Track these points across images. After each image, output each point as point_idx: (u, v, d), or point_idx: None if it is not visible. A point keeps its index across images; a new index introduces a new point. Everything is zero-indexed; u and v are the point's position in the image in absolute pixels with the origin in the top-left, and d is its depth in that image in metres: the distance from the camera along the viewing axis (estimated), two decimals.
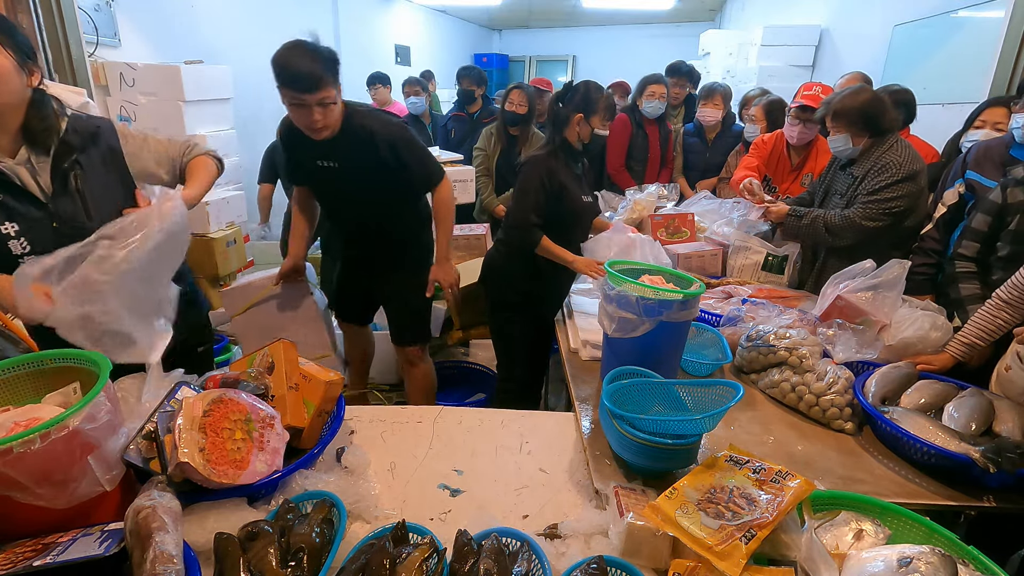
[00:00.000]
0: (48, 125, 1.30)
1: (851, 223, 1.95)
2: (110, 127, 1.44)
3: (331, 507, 1.00)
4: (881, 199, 1.90)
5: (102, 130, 1.41)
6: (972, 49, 3.16)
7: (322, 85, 1.64)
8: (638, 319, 1.36)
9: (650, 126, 3.57)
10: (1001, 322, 1.49)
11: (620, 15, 9.30)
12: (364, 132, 1.82)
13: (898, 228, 1.96)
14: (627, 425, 1.16)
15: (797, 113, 2.63)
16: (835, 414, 1.42)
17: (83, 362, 1.08)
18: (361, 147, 1.83)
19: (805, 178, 2.69)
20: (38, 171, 1.30)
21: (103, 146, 1.40)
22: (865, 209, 1.92)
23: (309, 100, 1.65)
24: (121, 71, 3.15)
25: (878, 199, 1.90)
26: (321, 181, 1.98)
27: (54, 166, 1.31)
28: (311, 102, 1.65)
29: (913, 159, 1.91)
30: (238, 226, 3.44)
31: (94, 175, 1.38)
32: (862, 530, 0.99)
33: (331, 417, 1.30)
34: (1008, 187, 1.65)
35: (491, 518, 1.07)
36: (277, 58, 1.64)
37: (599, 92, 2.10)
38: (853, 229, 1.95)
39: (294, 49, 1.64)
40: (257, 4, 4.86)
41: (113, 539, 0.86)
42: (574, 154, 2.15)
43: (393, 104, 5.06)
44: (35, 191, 1.30)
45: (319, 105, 1.67)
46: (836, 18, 5.01)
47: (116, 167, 1.43)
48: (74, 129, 1.34)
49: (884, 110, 1.96)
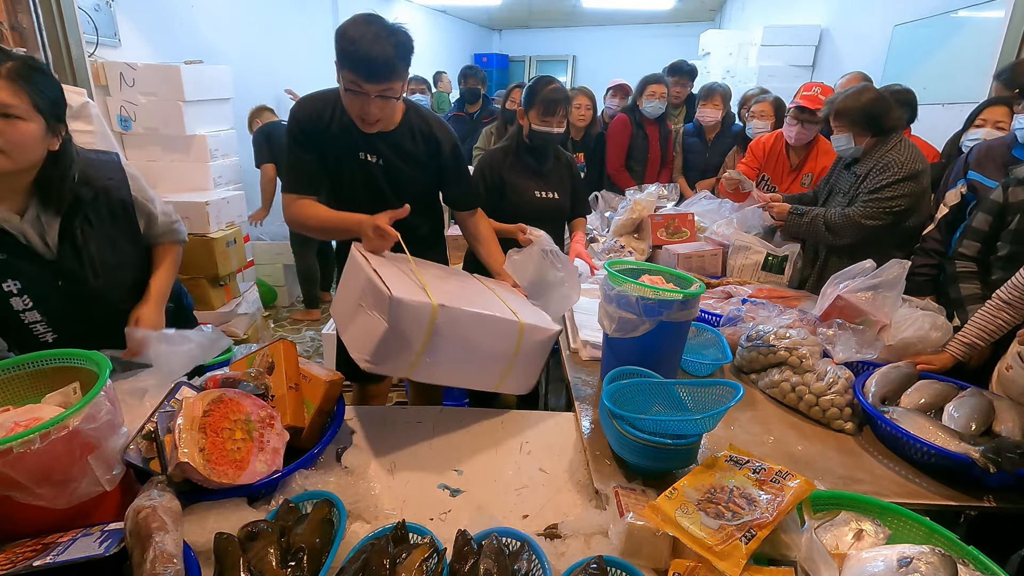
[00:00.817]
0: (65, 184, 1.25)
1: (851, 221, 1.95)
2: (123, 180, 1.37)
3: (331, 507, 1.00)
4: (882, 198, 1.90)
5: (114, 183, 1.35)
6: (972, 49, 3.16)
7: (392, 76, 1.41)
8: (638, 319, 1.36)
9: (650, 126, 3.58)
10: (1001, 322, 1.49)
11: (620, 15, 9.30)
12: (425, 130, 1.64)
13: (900, 228, 1.96)
14: (627, 425, 1.16)
15: (796, 113, 2.63)
16: (835, 414, 1.42)
17: (83, 362, 1.08)
18: (419, 145, 1.64)
19: (805, 178, 2.69)
20: (46, 228, 1.26)
21: (114, 200, 1.36)
22: (866, 207, 1.92)
23: (371, 90, 1.41)
24: (121, 71, 3.15)
25: (879, 198, 1.90)
26: (354, 178, 1.64)
27: (63, 224, 1.27)
28: (373, 92, 1.42)
29: (916, 158, 1.91)
30: (238, 226, 3.44)
31: (102, 230, 1.34)
32: (862, 530, 0.99)
33: (331, 417, 1.30)
34: (1009, 186, 1.65)
35: (491, 518, 1.07)
36: (347, 33, 1.36)
37: (543, 85, 2.08)
38: (853, 227, 1.95)
39: (370, 26, 1.37)
40: (257, 4, 4.86)
41: (113, 539, 0.86)
42: (530, 149, 2.16)
43: None
44: (40, 249, 1.27)
45: (380, 97, 1.43)
46: (836, 18, 5.01)
47: (126, 222, 1.39)
48: (85, 180, 1.29)
49: (887, 109, 1.96)
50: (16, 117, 1.13)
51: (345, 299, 1.39)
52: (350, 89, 1.43)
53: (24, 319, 1.30)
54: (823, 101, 2.50)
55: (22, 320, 1.30)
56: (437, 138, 1.65)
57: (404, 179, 1.66)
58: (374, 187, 1.65)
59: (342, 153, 1.60)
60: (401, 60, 1.40)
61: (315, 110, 1.56)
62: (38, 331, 1.34)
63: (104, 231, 1.34)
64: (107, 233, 1.35)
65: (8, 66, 1.13)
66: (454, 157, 1.69)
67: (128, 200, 1.38)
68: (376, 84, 1.40)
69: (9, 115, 1.13)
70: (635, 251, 2.66)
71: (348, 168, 1.62)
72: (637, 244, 2.70)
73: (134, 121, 3.23)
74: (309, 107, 1.57)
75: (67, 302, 1.33)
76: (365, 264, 1.32)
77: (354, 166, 1.62)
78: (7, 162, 1.16)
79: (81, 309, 1.35)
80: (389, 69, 1.39)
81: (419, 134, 1.64)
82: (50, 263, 1.28)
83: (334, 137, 1.57)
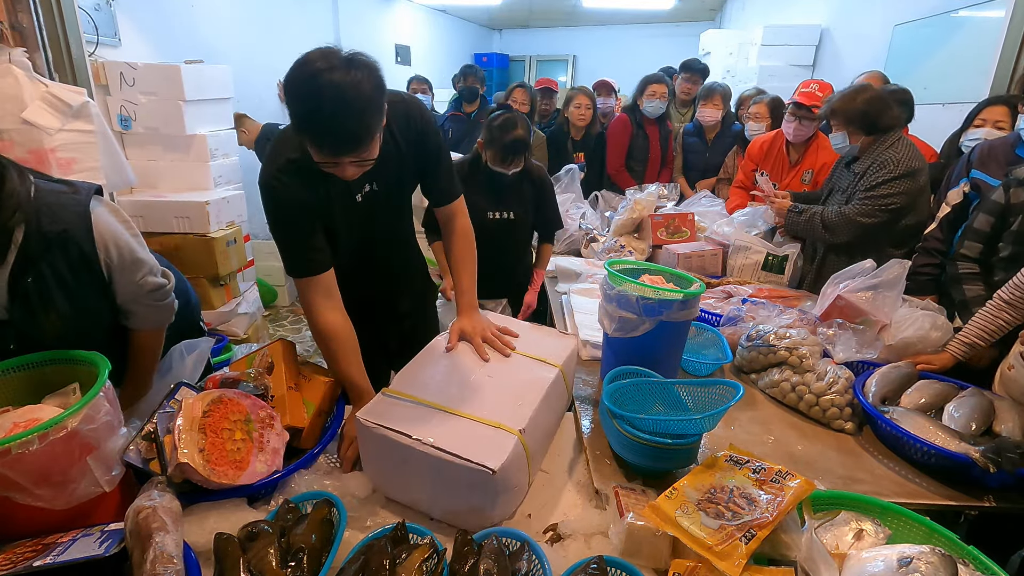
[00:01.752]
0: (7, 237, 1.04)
1: (847, 219, 1.96)
2: (85, 227, 1.12)
3: (331, 507, 1.00)
4: (877, 195, 1.91)
5: (71, 232, 1.10)
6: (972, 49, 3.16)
7: (366, 143, 1.14)
8: (638, 319, 1.36)
9: (650, 126, 3.58)
10: (1002, 322, 1.49)
11: (620, 15, 9.28)
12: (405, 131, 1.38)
13: (896, 226, 1.97)
14: (627, 425, 1.16)
15: (793, 110, 2.64)
16: (835, 414, 1.42)
17: (83, 363, 1.08)
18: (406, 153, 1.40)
19: (805, 174, 2.69)
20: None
21: (73, 252, 1.12)
22: (862, 205, 1.93)
23: (343, 160, 1.15)
24: (121, 71, 3.15)
25: (874, 195, 1.91)
26: (355, 214, 1.41)
27: (11, 281, 1.07)
28: (346, 160, 1.16)
29: (913, 156, 1.91)
30: (238, 226, 3.44)
31: (59, 284, 1.12)
32: (862, 530, 0.99)
33: (331, 417, 1.30)
34: (1011, 187, 1.65)
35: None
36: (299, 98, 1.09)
37: (504, 132, 2.05)
38: (849, 225, 1.96)
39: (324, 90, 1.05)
40: (257, 4, 4.85)
41: (113, 539, 0.86)
42: (487, 170, 2.15)
43: None
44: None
45: (354, 164, 1.17)
46: (836, 18, 5.01)
47: (88, 274, 1.15)
48: (37, 229, 1.07)
49: (883, 109, 1.97)
50: None
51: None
52: (322, 164, 1.17)
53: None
54: (821, 98, 2.52)
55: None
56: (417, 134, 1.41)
57: (396, 190, 1.48)
58: (374, 214, 1.46)
59: (336, 206, 1.36)
60: (373, 124, 1.14)
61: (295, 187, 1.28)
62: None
63: (61, 283, 1.12)
64: (67, 288, 1.13)
65: None
66: (436, 148, 1.46)
67: (89, 251, 1.13)
68: (348, 155, 1.15)
69: None
70: (635, 251, 2.66)
71: (347, 213, 1.40)
72: (637, 244, 2.70)
73: (134, 121, 3.22)
74: (289, 187, 1.28)
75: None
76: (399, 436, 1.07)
77: (354, 205, 1.40)
78: None
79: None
80: (357, 141, 1.12)
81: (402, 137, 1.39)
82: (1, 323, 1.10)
83: (323, 200, 1.33)
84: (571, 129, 3.63)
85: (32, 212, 1.06)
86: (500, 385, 1.23)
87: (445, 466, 1.02)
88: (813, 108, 2.56)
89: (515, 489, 1.09)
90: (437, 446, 1.02)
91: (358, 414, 1.08)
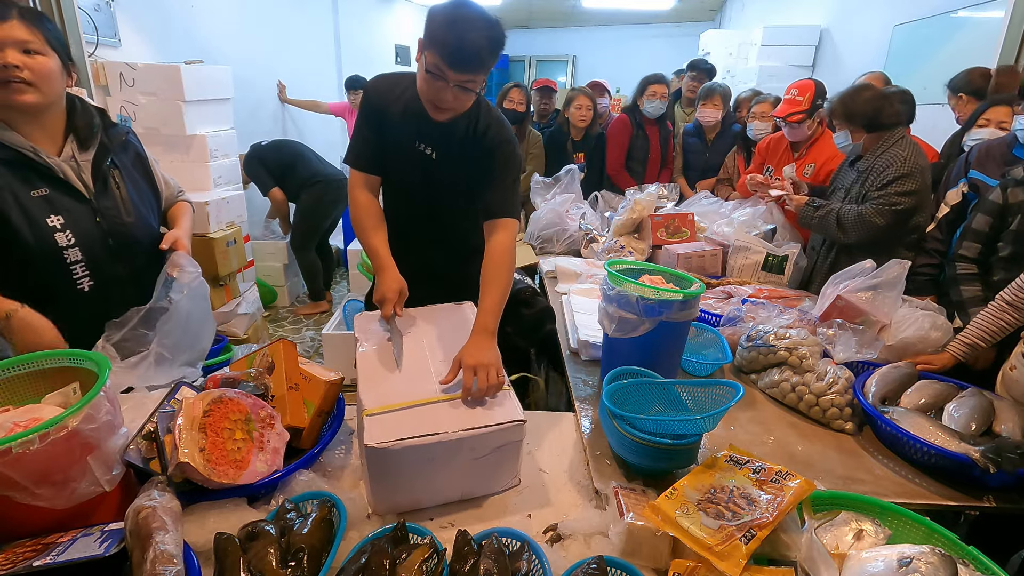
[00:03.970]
0: (91, 125, 1.40)
1: (862, 218, 1.96)
2: (135, 135, 1.56)
3: (331, 507, 1.00)
4: (890, 193, 1.91)
5: (130, 137, 1.54)
6: (972, 49, 3.16)
7: (478, 69, 1.33)
8: (638, 319, 1.36)
9: (650, 126, 3.58)
10: (1004, 324, 1.49)
11: (620, 15, 9.29)
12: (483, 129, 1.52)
13: (906, 228, 1.97)
14: (627, 425, 1.16)
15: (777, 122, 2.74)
16: (835, 414, 1.42)
17: (83, 362, 1.08)
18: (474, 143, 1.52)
19: (808, 167, 2.70)
20: (81, 168, 1.38)
21: (131, 152, 1.53)
22: (877, 206, 1.93)
23: (453, 78, 1.31)
24: (121, 71, 3.15)
25: (887, 193, 1.92)
26: (409, 166, 1.56)
27: (95, 165, 1.40)
28: (453, 81, 1.32)
29: (918, 155, 1.93)
30: (238, 226, 3.44)
31: (128, 177, 1.49)
32: (862, 530, 0.99)
33: (331, 417, 1.30)
34: (1008, 187, 1.65)
35: (491, 518, 1.07)
36: (442, 14, 1.28)
37: None
38: (864, 226, 1.96)
39: (468, 12, 1.28)
40: (257, 4, 4.86)
41: (113, 539, 0.86)
42: None
43: None
44: (79, 187, 1.37)
45: (459, 87, 1.33)
46: (836, 18, 5.01)
47: (145, 173, 1.56)
48: (108, 132, 1.45)
49: (883, 107, 1.97)
50: (36, 52, 1.26)
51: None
52: (431, 72, 1.33)
53: (67, 257, 1.36)
54: (801, 102, 2.58)
55: (64, 259, 1.36)
56: (492, 140, 1.52)
57: (458, 176, 1.57)
58: (428, 179, 1.58)
59: (401, 139, 1.54)
60: (491, 55, 1.32)
61: (385, 88, 1.53)
62: (77, 274, 1.39)
63: (129, 175, 1.49)
64: (132, 177, 1.50)
65: (18, 9, 1.26)
66: (504, 162, 1.53)
67: (143, 154, 1.56)
68: (460, 74, 1.31)
69: (29, 50, 1.25)
70: (635, 251, 2.66)
71: (404, 155, 1.56)
72: (637, 244, 2.70)
73: (134, 121, 3.23)
74: (381, 85, 1.54)
75: (105, 241, 1.41)
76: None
77: (409, 154, 1.56)
78: (37, 95, 1.27)
79: (116, 251, 1.44)
80: (477, 61, 1.30)
81: (477, 132, 1.53)
82: (88, 200, 1.38)
83: (395, 121, 1.52)
84: (571, 130, 3.63)
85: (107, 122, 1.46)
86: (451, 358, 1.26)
87: (476, 441, 1.08)
88: (791, 117, 2.61)
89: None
90: (463, 428, 1.07)
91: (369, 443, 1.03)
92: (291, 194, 4.17)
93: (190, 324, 1.48)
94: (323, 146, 4.87)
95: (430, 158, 1.55)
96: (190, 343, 1.49)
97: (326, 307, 4.42)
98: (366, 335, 1.40)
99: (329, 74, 6.12)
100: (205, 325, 1.56)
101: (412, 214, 1.67)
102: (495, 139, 1.52)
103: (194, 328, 1.50)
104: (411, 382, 1.22)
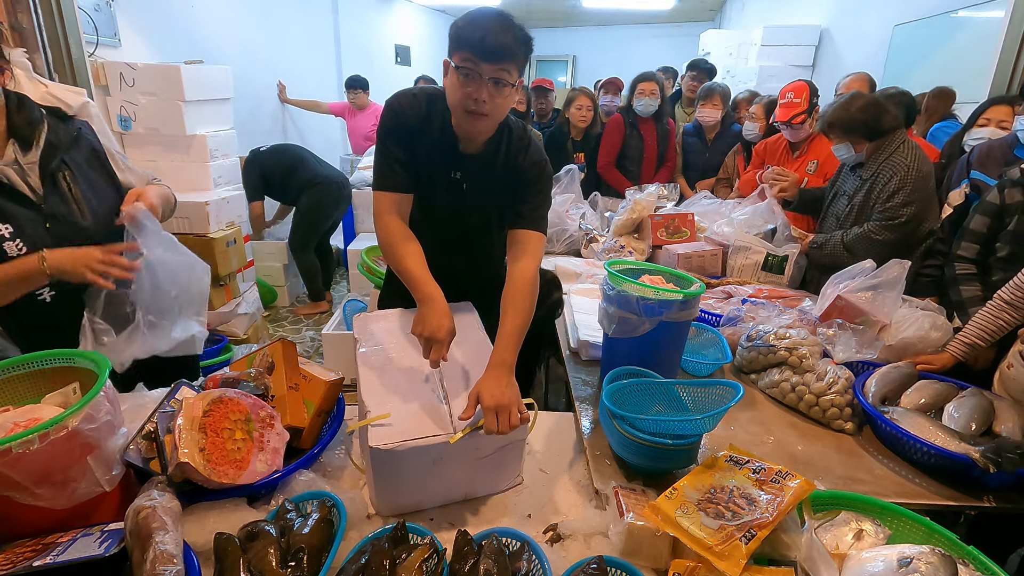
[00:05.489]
0: (33, 123, 1.30)
1: (867, 238, 1.97)
2: (89, 128, 1.45)
3: (331, 507, 1.00)
4: (895, 205, 1.91)
5: (82, 132, 1.41)
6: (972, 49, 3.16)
7: (510, 58, 1.26)
8: (638, 319, 1.36)
9: (645, 125, 3.55)
10: (1003, 323, 1.49)
11: (620, 15, 9.29)
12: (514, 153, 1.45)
13: (917, 236, 1.97)
14: (627, 425, 1.16)
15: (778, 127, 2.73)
16: (835, 414, 1.42)
17: (83, 362, 1.08)
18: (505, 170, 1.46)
19: (810, 164, 2.70)
20: (27, 172, 1.29)
21: (85, 149, 1.41)
22: (880, 223, 1.94)
23: (486, 70, 1.26)
24: (121, 71, 3.15)
25: (893, 205, 1.91)
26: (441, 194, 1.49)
27: (42, 166, 1.30)
28: (487, 73, 1.26)
29: (921, 159, 1.92)
30: (238, 226, 3.44)
31: (82, 176, 1.38)
32: (862, 530, 0.99)
33: (331, 417, 1.30)
34: (1005, 188, 1.65)
35: (491, 518, 1.07)
36: (467, 19, 1.27)
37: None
38: (872, 245, 1.96)
39: (491, 11, 1.28)
40: (257, 4, 4.86)
41: (113, 539, 0.86)
42: None
43: (370, 107, 5.11)
44: (26, 192, 1.29)
45: (493, 80, 1.27)
46: (836, 18, 5.01)
47: (101, 167, 1.44)
48: (55, 129, 1.34)
49: (880, 113, 1.96)
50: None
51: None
52: (462, 68, 1.27)
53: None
54: (799, 104, 2.60)
55: None
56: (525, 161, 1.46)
57: (487, 201, 1.51)
58: (457, 206, 1.51)
59: (435, 166, 1.45)
60: (520, 44, 1.28)
61: (416, 106, 1.41)
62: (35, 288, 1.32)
63: (83, 174, 1.38)
64: (86, 176, 1.39)
65: None
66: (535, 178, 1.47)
67: (99, 148, 1.44)
68: (492, 64, 1.26)
69: None
70: (635, 251, 2.66)
71: (438, 183, 1.47)
72: (637, 244, 2.70)
73: (134, 121, 3.23)
74: (410, 102, 1.42)
75: (59, 247, 1.29)
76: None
77: (444, 182, 1.47)
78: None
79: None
80: (508, 49, 1.25)
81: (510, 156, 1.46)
82: (37, 206, 1.30)
83: (429, 145, 1.43)
84: (571, 130, 3.63)
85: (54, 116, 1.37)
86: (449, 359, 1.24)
87: (480, 441, 1.09)
88: (794, 119, 2.62)
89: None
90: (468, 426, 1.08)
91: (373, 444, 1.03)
92: (292, 197, 4.17)
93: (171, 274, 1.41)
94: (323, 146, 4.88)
95: (461, 185, 1.48)
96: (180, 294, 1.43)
97: (326, 307, 4.43)
98: (365, 336, 1.39)
99: (329, 74, 6.12)
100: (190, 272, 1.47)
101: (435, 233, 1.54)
102: (527, 160, 1.46)
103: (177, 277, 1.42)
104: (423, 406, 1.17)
